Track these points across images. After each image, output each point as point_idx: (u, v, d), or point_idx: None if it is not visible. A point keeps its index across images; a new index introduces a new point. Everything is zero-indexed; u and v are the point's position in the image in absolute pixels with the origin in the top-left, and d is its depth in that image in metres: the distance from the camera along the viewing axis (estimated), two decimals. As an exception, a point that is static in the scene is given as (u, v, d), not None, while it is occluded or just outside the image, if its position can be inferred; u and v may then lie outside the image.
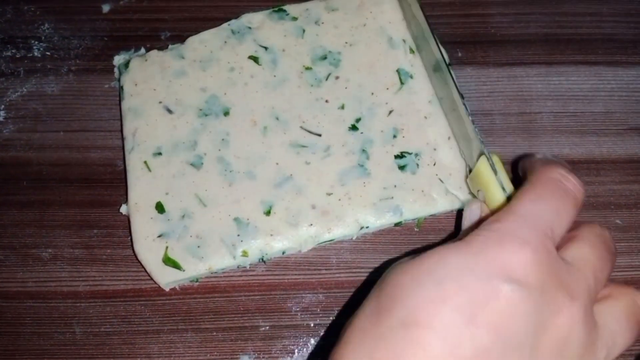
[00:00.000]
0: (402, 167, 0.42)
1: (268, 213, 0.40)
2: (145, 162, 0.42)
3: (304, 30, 0.46)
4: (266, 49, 0.45)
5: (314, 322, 0.40)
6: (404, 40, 0.45)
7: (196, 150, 0.42)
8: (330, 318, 0.40)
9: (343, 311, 0.40)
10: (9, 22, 0.49)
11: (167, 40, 0.48)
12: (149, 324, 0.40)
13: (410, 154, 0.42)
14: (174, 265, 0.39)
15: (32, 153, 0.45)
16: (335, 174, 0.41)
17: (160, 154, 0.42)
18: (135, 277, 0.41)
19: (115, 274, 0.41)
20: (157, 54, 0.45)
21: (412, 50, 0.45)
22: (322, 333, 0.40)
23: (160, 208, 0.40)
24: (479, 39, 0.49)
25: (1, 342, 0.39)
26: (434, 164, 0.42)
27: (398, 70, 0.45)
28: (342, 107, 0.43)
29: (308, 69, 0.45)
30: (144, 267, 0.39)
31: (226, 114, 0.43)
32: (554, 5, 0.50)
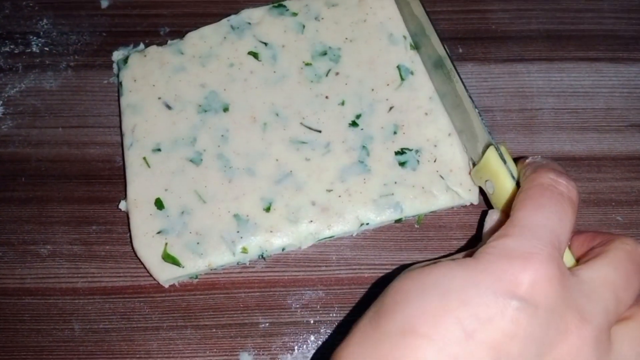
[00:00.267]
0: (402, 164, 0.41)
1: (268, 209, 0.40)
2: (145, 158, 0.42)
3: (304, 26, 0.46)
4: (266, 44, 0.45)
5: (313, 319, 0.40)
6: (405, 37, 0.45)
7: (195, 146, 0.42)
8: (331, 315, 0.40)
9: (343, 308, 0.40)
10: (7, 18, 0.49)
11: (166, 35, 0.48)
12: (148, 320, 0.40)
13: (410, 150, 0.42)
14: (173, 261, 0.39)
15: (30, 149, 0.44)
16: (336, 170, 0.41)
17: (159, 150, 0.42)
18: (134, 274, 0.41)
19: (114, 271, 0.41)
20: (156, 49, 0.45)
21: (413, 47, 0.45)
22: (322, 330, 0.40)
23: (159, 204, 0.40)
24: (480, 35, 0.49)
25: (0, 339, 0.39)
26: (435, 161, 0.41)
27: (398, 67, 0.44)
28: (342, 103, 0.43)
29: (308, 64, 0.44)
30: (143, 264, 0.39)
31: (226, 110, 0.43)
32: (555, 1, 0.50)
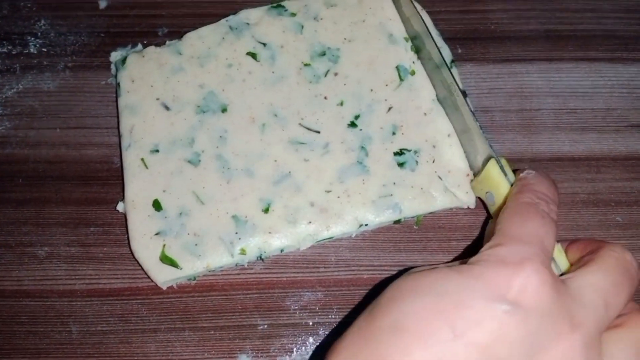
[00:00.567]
0: (401, 164, 0.41)
1: (266, 211, 0.40)
2: (142, 159, 0.41)
3: (303, 26, 0.46)
4: (264, 45, 0.45)
5: (312, 321, 0.40)
6: (405, 38, 0.45)
7: (194, 147, 0.42)
8: (329, 316, 0.40)
9: (342, 309, 0.40)
10: (5, 18, 0.49)
11: (164, 36, 0.48)
12: (146, 322, 0.39)
13: (409, 150, 0.42)
14: (171, 263, 0.39)
15: (28, 150, 0.44)
16: (334, 171, 0.41)
17: (157, 151, 0.42)
18: (132, 276, 0.41)
19: (112, 272, 0.41)
20: (155, 50, 0.45)
21: (413, 49, 0.45)
22: (320, 331, 0.39)
23: (157, 206, 0.40)
24: (479, 35, 0.48)
25: (-3, 341, 0.39)
26: (433, 161, 0.41)
27: (397, 67, 0.44)
28: (341, 104, 0.43)
29: (307, 65, 0.44)
30: (140, 266, 0.39)
31: (224, 110, 0.43)
32: (554, 2, 0.50)
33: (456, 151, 0.42)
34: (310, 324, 0.40)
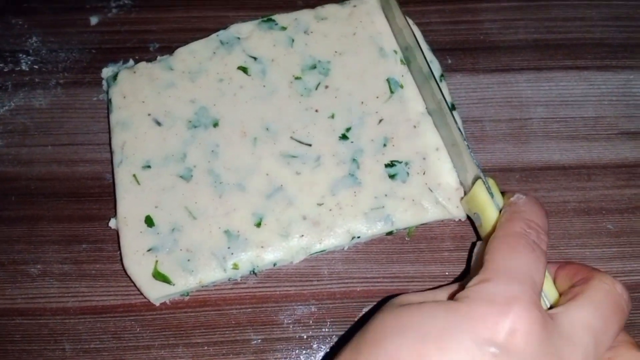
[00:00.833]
0: (392, 176, 0.41)
1: (259, 225, 0.40)
2: (134, 175, 0.41)
3: (293, 40, 0.46)
4: (255, 59, 0.45)
5: (306, 334, 0.40)
6: (395, 51, 0.45)
7: (185, 162, 0.42)
8: (323, 330, 0.40)
9: (335, 323, 0.40)
10: (-4, 36, 0.49)
11: (155, 51, 0.48)
12: (140, 339, 0.39)
13: (400, 162, 0.42)
14: (164, 279, 0.38)
15: (20, 168, 0.44)
16: (326, 183, 0.41)
17: (149, 166, 0.42)
18: (125, 292, 0.40)
19: (104, 289, 0.41)
20: (146, 65, 0.45)
21: (402, 61, 0.45)
22: (314, 345, 0.39)
23: (149, 222, 0.40)
24: (469, 45, 0.49)
25: (-10, 361, 0.39)
26: (424, 173, 0.41)
27: (388, 79, 0.44)
28: (332, 117, 0.43)
29: (298, 78, 0.45)
30: (133, 282, 0.39)
31: (215, 125, 0.43)
32: (543, 11, 0.50)
33: (445, 166, 0.42)
34: (304, 337, 0.40)
